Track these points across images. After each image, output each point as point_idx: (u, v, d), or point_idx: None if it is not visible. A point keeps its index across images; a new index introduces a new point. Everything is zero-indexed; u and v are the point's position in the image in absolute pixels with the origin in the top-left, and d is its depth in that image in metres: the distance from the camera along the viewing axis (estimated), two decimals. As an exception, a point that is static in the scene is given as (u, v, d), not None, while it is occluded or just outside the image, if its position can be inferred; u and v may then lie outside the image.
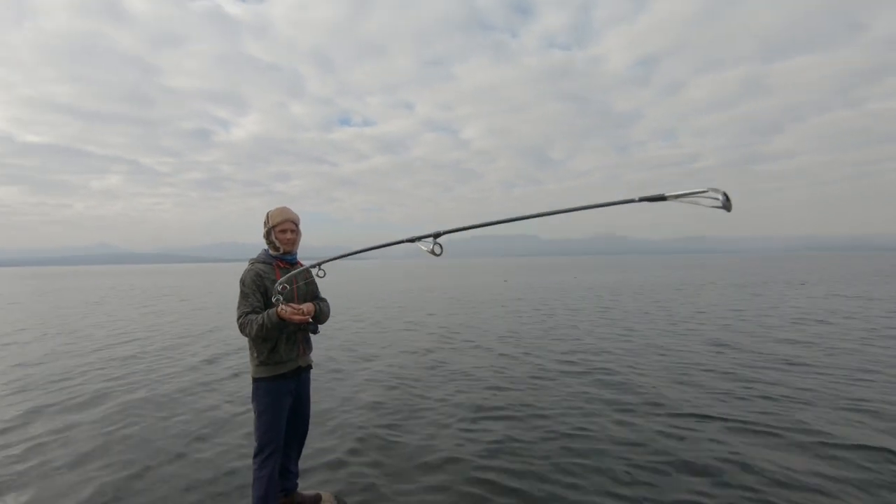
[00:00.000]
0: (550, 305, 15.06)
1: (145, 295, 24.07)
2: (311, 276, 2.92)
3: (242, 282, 2.66)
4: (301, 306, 2.57)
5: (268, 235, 2.77)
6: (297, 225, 2.81)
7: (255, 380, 2.72)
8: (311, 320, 2.70)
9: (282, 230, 2.75)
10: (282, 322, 2.55)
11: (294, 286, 2.79)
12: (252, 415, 2.81)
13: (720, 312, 12.52)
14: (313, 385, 3.25)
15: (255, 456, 2.70)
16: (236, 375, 6.73)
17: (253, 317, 2.59)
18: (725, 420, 4.59)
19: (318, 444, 4.18)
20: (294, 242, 2.80)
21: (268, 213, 2.79)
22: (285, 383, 2.73)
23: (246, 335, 2.61)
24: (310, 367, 2.97)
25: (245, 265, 2.80)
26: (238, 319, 2.62)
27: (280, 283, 2.57)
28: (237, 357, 7.94)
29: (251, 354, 2.72)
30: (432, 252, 1.97)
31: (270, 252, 2.80)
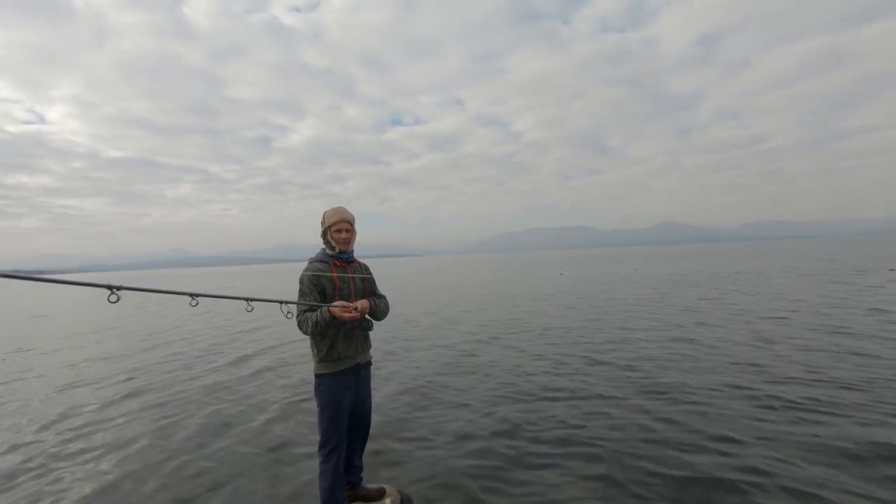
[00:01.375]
0: (608, 298, 14.31)
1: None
2: (369, 274, 3.06)
3: (301, 281, 2.79)
4: (355, 304, 2.68)
5: (324, 235, 2.90)
6: (351, 224, 2.90)
7: (316, 376, 2.84)
8: (366, 317, 2.85)
9: (337, 230, 2.85)
10: (334, 319, 2.64)
11: (351, 284, 2.86)
12: (316, 409, 2.91)
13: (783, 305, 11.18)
14: (373, 381, 3.50)
15: (320, 449, 2.81)
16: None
17: (309, 314, 2.71)
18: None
19: (381, 439, 4.25)
20: (349, 241, 2.88)
21: (324, 214, 2.92)
22: (345, 379, 2.83)
23: (303, 332, 2.73)
24: (369, 363, 3.04)
25: (303, 265, 2.91)
26: (297, 317, 2.74)
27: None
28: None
29: (312, 351, 2.84)
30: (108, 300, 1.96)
31: (327, 251, 2.91)
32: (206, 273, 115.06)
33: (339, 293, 2.81)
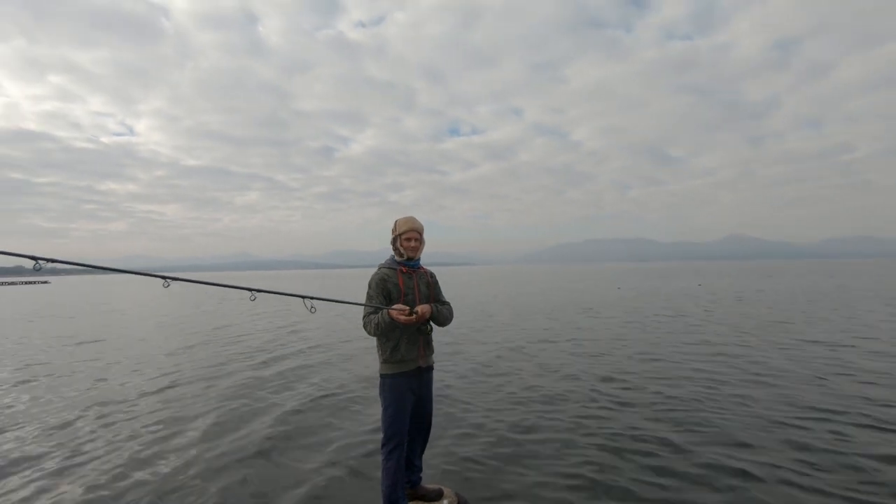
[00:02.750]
0: (668, 317, 13.56)
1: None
2: (435, 281, 3.18)
3: (369, 284, 2.96)
4: (416, 308, 2.83)
5: (394, 242, 3.02)
6: (420, 234, 3.03)
7: (381, 376, 2.96)
8: (428, 322, 2.98)
9: (407, 238, 2.98)
10: (393, 321, 2.78)
11: (416, 290, 2.99)
12: (380, 408, 3.02)
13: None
14: (436, 385, 3.44)
15: (383, 447, 2.91)
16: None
17: (373, 316, 2.86)
18: None
19: (441, 441, 4.34)
20: (417, 250, 3.02)
21: (395, 222, 3.04)
22: (407, 381, 2.93)
23: (368, 333, 2.89)
24: (431, 368, 3.11)
25: (360, 271, 2.87)
26: (363, 318, 2.93)
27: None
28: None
29: (378, 352, 2.98)
30: None
31: (395, 258, 3.05)
32: (268, 276, 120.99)
33: (403, 298, 2.93)
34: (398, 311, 2.77)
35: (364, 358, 8.39)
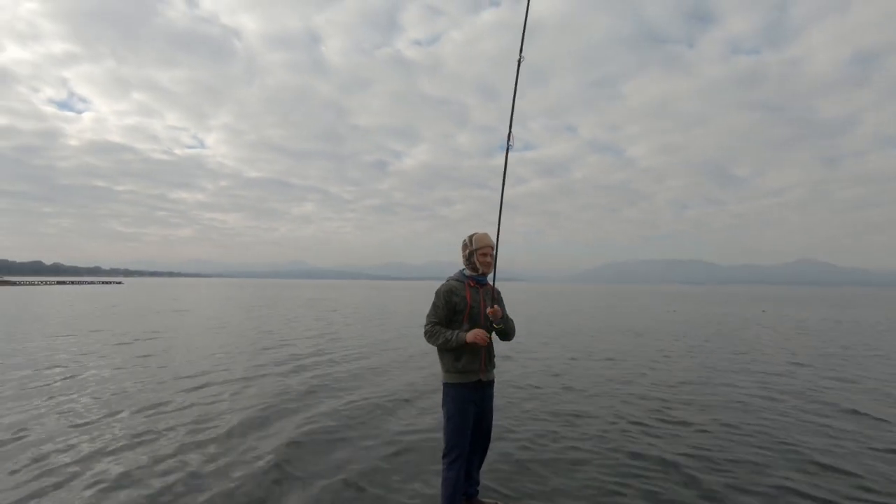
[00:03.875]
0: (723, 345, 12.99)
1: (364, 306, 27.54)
2: (500, 297, 3.16)
3: (437, 294, 2.99)
4: (488, 310, 2.92)
5: (469, 256, 3.06)
6: (493, 250, 3.08)
7: (444, 385, 2.98)
8: (497, 322, 2.96)
9: (482, 253, 3.03)
10: (465, 345, 2.85)
11: (481, 304, 3.03)
12: (442, 418, 3.03)
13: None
14: (500, 400, 3.46)
15: (444, 457, 2.92)
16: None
17: (441, 329, 2.91)
18: None
19: (499, 456, 4.31)
20: (490, 265, 3.07)
21: (471, 237, 3.09)
22: (469, 392, 2.93)
23: (430, 342, 2.92)
24: (492, 382, 3.12)
25: (407, 283, 3.03)
26: (425, 326, 2.96)
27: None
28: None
29: (440, 361, 2.99)
30: None
31: (466, 272, 3.10)
32: (322, 284, 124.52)
33: (469, 311, 2.97)
34: (480, 338, 2.83)
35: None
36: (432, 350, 3.78)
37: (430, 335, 2.92)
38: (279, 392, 6.84)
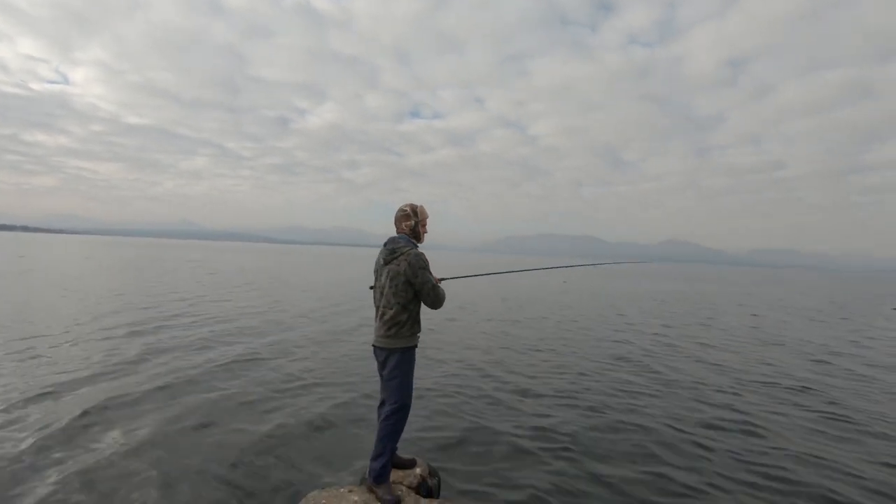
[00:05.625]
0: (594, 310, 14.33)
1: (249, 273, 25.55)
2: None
3: (425, 260, 3.12)
4: None
5: (415, 227, 3.25)
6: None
7: (405, 349, 3.11)
8: None
9: (424, 224, 3.28)
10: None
11: None
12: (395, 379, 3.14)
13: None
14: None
15: (398, 412, 3.08)
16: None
17: (440, 290, 3.15)
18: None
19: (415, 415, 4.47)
20: (423, 237, 3.34)
21: (417, 208, 3.28)
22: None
23: (440, 301, 3.15)
24: None
25: (311, 247, 2.83)
26: (440, 288, 3.16)
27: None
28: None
29: (405, 327, 3.10)
30: None
31: (412, 241, 3.24)
32: (215, 247, 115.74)
33: None
34: None
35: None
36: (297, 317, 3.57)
37: (441, 297, 3.15)
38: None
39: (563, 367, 7.12)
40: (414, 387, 3.20)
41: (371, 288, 3.31)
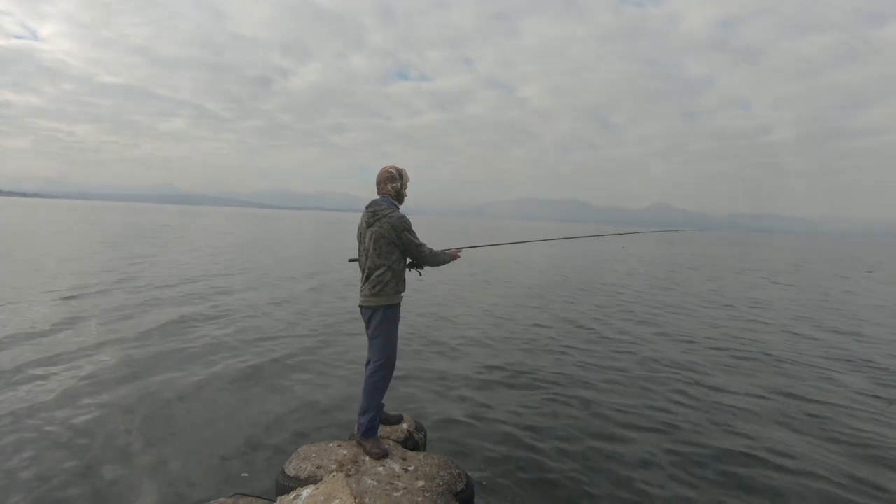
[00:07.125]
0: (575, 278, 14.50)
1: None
2: None
3: (408, 222, 3.16)
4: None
5: (400, 190, 3.28)
6: None
7: (390, 307, 3.15)
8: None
9: (406, 187, 3.34)
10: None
11: None
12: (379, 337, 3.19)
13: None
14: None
15: (380, 369, 3.14)
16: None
17: (437, 251, 3.27)
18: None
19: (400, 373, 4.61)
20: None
21: (402, 171, 3.30)
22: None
23: (432, 259, 3.27)
24: None
25: (297, 212, 2.79)
26: (424, 247, 3.23)
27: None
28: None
29: (390, 285, 3.13)
30: None
31: (395, 202, 3.27)
32: (199, 212, 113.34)
33: None
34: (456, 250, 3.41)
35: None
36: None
37: (432, 254, 3.25)
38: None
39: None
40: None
41: (350, 261, 3.32)
